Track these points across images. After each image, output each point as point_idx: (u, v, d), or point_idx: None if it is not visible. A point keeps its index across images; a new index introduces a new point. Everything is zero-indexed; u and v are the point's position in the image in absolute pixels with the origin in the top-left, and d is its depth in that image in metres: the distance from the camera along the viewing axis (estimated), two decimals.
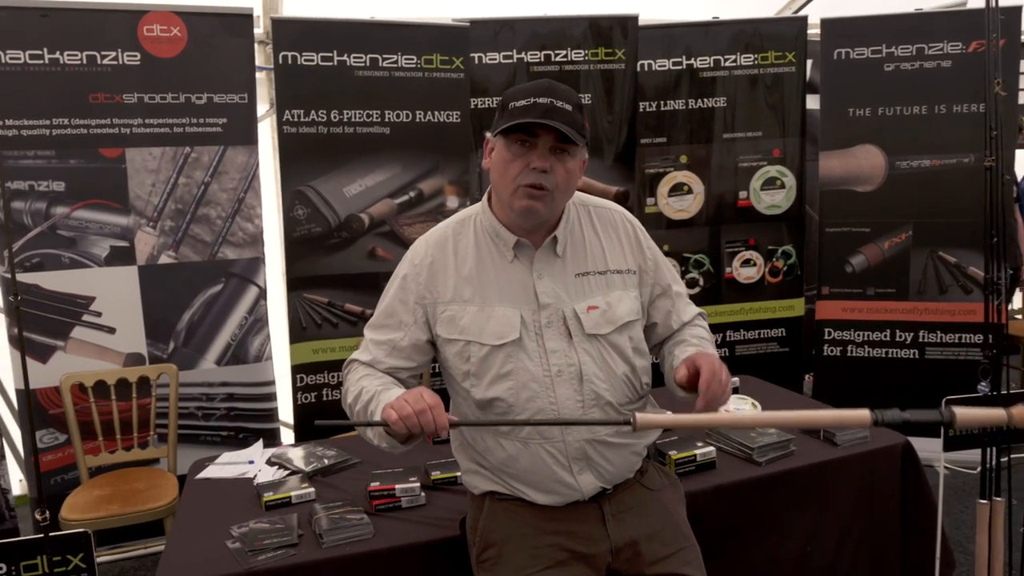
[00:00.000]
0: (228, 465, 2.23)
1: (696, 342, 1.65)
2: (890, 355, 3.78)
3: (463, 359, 1.55)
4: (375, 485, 1.90)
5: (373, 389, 1.52)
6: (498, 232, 1.56)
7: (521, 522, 1.57)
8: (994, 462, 2.03)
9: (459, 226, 1.62)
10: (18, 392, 3.04)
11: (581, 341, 1.53)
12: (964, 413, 1.35)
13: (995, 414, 1.38)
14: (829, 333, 3.84)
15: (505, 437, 1.54)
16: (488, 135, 1.54)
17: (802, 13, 4.16)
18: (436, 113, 3.41)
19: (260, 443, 2.44)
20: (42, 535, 1.48)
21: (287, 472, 2.14)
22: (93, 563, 1.56)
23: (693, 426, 1.50)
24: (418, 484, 1.92)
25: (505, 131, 1.46)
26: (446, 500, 1.92)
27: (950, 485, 3.41)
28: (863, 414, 1.36)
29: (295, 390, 3.39)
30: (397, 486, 1.89)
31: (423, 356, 1.62)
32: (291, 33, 3.21)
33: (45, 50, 2.87)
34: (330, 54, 3.24)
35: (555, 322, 1.53)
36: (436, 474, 2.02)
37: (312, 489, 1.98)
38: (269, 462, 2.21)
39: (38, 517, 1.57)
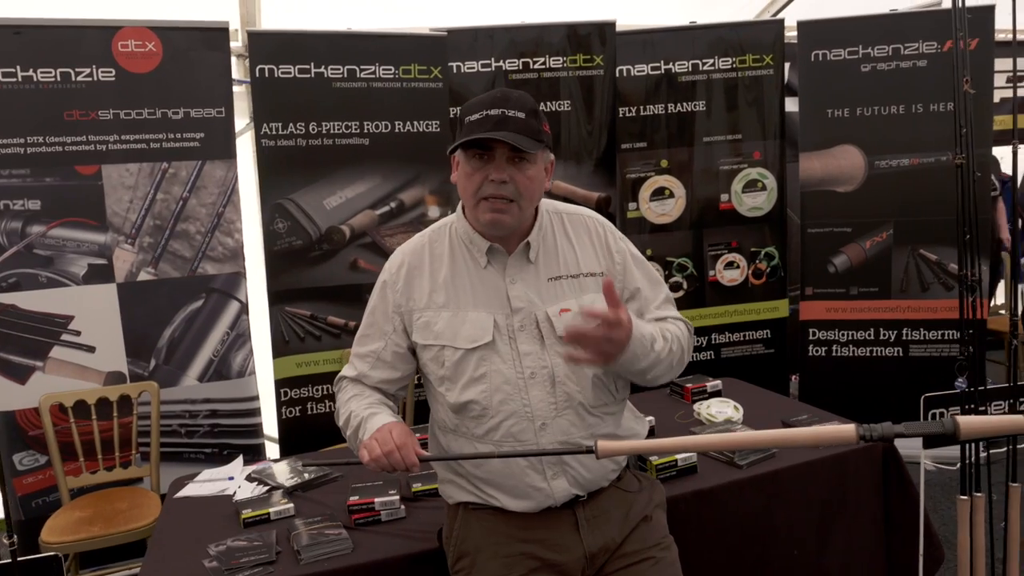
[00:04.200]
0: (208, 483, 2.20)
1: (650, 322, 1.59)
2: (874, 354, 3.79)
3: (438, 364, 1.57)
4: (354, 499, 1.88)
5: (360, 414, 1.56)
6: (472, 239, 1.58)
7: (494, 531, 1.56)
8: (974, 458, 2.03)
9: (435, 234, 1.64)
10: None
11: (553, 344, 1.54)
12: (970, 423, 1.19)
13: (1014, 421, 1.20)
14: (813, 333, 3.85)
15: (480, 441, 1.55)
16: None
17: (779, 16, 4.18)
18: (415, 123, 3.41)
19: (240, 459, 2.42)
20: (10, 560, 1.46)
21: (267, 488, 2.11)
22: None
23: (659, 450, 1.46)
24: (398, 497, 1.90)
25: (463, 145, 1.48)
26: (426, 512, 1.91)
27: (931, 482, 3.41)
28: (847, 430, 1.25)
29: (279, 404, 3.37)
30: (376, 499, 1.88)
31: (407, 365, 1.64)
32: (268, 46, 3.20)
33: (19, 67, 2.85)
34: (307, 66, 3.23)
35: (528, 325, 1.54)
36: (417, 486, 2.00)
37: (291, 505, 1.96)
38: (249, 478, 2.19)
39: (5, 541, 1.55)
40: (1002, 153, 4.40)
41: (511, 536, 1.55)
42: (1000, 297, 4.78)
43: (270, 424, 3.51)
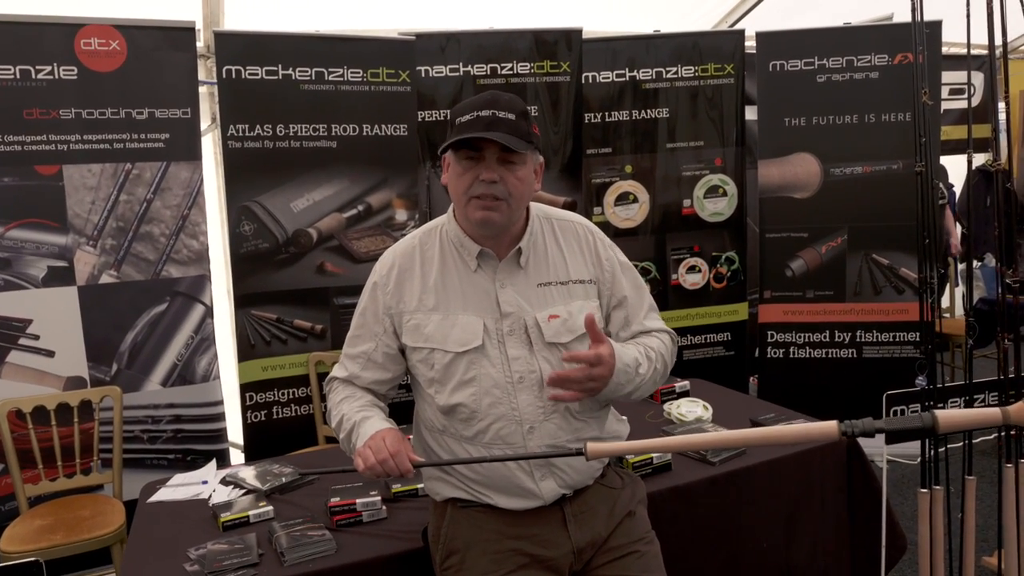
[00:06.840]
0: (181, 487, 2.17)
1: (632, 343, 1.63)
2: (830, 355, 3.91)
3: (428, 366, 1.58)
4: (335, 500, 1.88)
5: (353, 418, 1.57)
6: (462, 242, 1.59)
7: (483, 528, 1.58)
8: (932, 453, 2.13)
9: (426, 236, 1.65)
10: None
11: (541, 349, 1.56)
12: (949, 416, 1.20)
13: (988, 414, 1.21)
14: (772, 336, 3.96)
15: (470, 443, 1.56)
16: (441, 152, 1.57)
17: (738, 27, 4.30)
18: (383, 126, 3.41)
19: (213, 463, 2.39)
20: None
21: (243, 491, 2.10)
22: None
23: (647, 450, 1.50)
24: (379, 498, 1.91)
25: (454, 146, 1.49)
26: (407, 513, 1.92)
27: (893, 477, 3.54)
28: (830, 427, 1.28)
29: (244, 409, 3.32)
30: (358, 500, 1.88)
31: (398, 366, 1.65)
32: (235, 47, 3.17)
33: None
34: (275, 68, 3.21)
35: (517, 330, 1.56)
36: (397, 487, 2.01)
37: (270, 507, 1.94)
38: (223, 482, 2.17)
39: None
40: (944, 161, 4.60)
41: (500, 533, 1.57)
42: (945, 301, 4.98)
43: (233, 430, 3.46)
